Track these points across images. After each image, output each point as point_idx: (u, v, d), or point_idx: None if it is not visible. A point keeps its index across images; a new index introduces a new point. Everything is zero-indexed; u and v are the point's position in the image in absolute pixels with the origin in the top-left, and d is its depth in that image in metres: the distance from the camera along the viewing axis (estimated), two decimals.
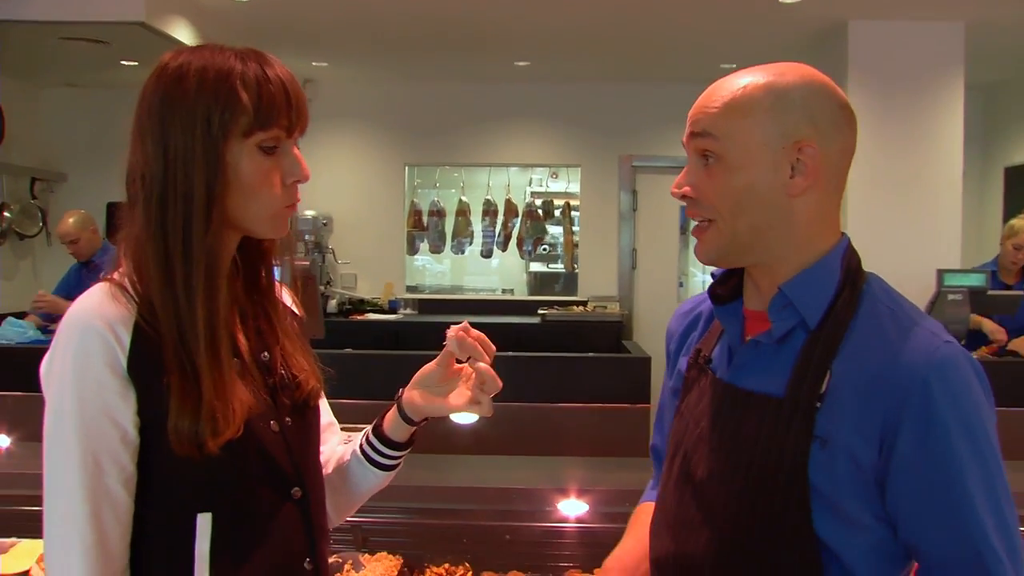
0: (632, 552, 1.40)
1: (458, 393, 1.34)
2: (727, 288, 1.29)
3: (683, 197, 1.22)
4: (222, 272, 1.20)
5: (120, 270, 1.21)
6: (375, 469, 1.40)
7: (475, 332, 1.31)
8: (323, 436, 1.44)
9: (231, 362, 1.20)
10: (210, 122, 1.16)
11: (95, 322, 1.14)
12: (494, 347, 1.32)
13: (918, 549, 1.13)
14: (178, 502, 1.19)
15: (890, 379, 1.11)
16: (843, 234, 1.24)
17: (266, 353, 1.28)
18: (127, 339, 1.15)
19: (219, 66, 1.17)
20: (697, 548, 1.22)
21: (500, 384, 1.30)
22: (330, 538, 1.39)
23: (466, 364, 1.34)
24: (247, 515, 1.22)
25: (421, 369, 1.37)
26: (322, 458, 1.44)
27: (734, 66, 1.25)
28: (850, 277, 1.20)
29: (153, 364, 1.16)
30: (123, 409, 1.15)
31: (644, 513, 1.48)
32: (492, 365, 1.30)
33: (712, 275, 1.32)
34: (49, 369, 1.16)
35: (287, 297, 1.40)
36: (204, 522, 1.18)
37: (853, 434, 1.12)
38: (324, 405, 1.45)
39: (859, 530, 1.14)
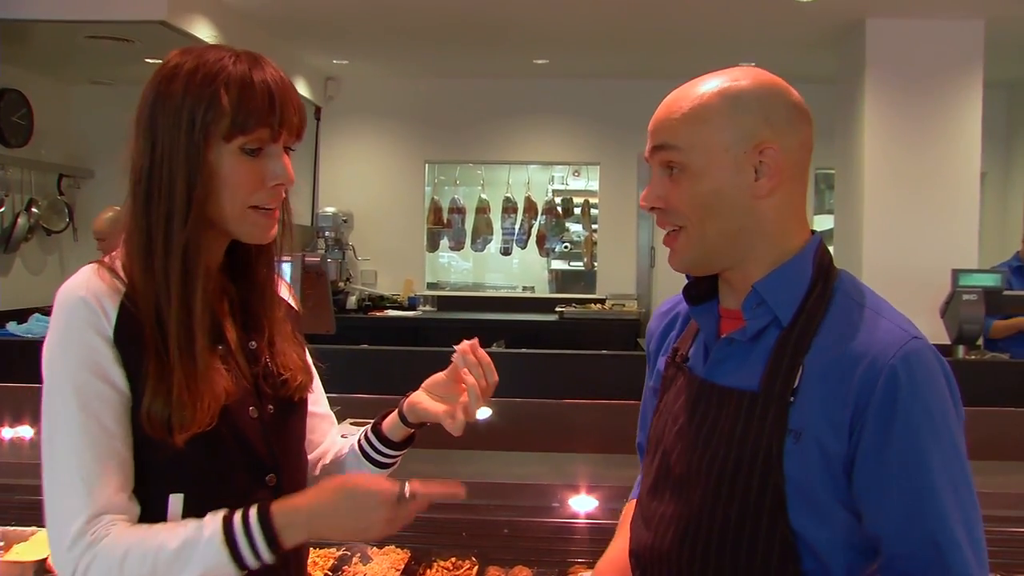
0: (622, 553, 1.41)
1: (448, 405, 1.36)
2: (701, 288, 1.32)
3: (652, 209, 1.25)
4: (199, 269, 1.22)
5: (113, 254, 1.25)
6: (370, 465, 1.43)
7: (482, 354, 1.34)
8: (320, 427, 1.48)
9: (207, 355, 1.21)
10: (193, 123, 1.18)
11: (80, 293, 1.18)
12: (496, 376, 1.34)
13: (880, 538, 1.15)
14: (152, 480, 1.20)
15: (858, 371, 1.14)
16: (814, 232, 1.27)
17: (253, 342, 1.31)
18: (113, 313, 1.18)
19: (208, 68, 1.19)
20: (675, 541, 1.24)
21: (473, 413, 1.32)
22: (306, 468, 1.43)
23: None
24: (218, 498, 1.22)
25: (432, 376, 1.40)
26: (320, 450, 1.47)
27: (752, 64, 1.28)
28: (822, 274, 1.23)
29: (137, 343, 1.18)
30: (114, 370, 1.17)
31: (632, 513, 1.50)
32: (486, 390, 1.32)
33: (687, 275, 1.34)
34: (47, 346, 1.19)
35: (286, 292, 1.43)
36: (176, 502, 1.20)
37: (823, 426, 1.15)
38: (321, 399, 1.49)
39: (831, 521, 1.17)
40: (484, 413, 2.71)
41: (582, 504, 2.50)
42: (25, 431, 2.84)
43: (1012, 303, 4.59)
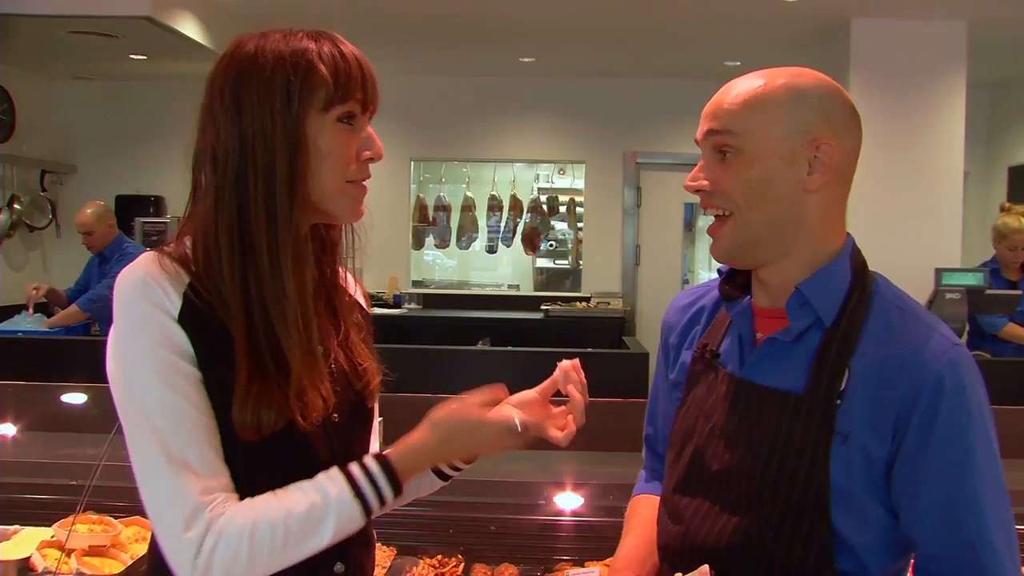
0: (637, 548, 1.42)
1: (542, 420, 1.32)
2: (735, 285, 1.33)
3: (698, 191, 1.25)
4: (308, 250, 1.20)
5: (170, 245, 1.20)
6: (433, 476, 1.39)
7: (582, 374, 1.33)
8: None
9: (317, 349, 1.20)
10: (289, 95, 1.15)
11: (138, 273, 1.14)
12: (588, 398, 1.32)
13: (916, 540, 1.17)
14: None
15: (904, 377, 1.15)
16: (848, 234, 1.28)
17: (321, 346, 1.25)
18: (177, 299, 1.14)
19: (294, 45, 1.18)
20: (710, 537, 1.25)
21: (580, 424, 1.29)
22: (373, 544, 1.38)
23: (557, 408, 1.34)
24: None
25: (520, 393, 1.36)
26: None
27: (738, 63, 1.29)
28: (859, 276, 1.25)
29: (204, 332, 1.14)
30: (187, 347, 1.14)
31: (641, 507, 1.51)
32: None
33: (719, 271, 1.35)
34: (113, 334, 1.15)
35: (354, 289, 1.40)
36: None
37: (868, 429, 1.16)
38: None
39: (872, 522, 1.18)
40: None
41: (568, 501, 2.51)
42: (7, 428, 2.82)
43: (994, 302, 4.63)
